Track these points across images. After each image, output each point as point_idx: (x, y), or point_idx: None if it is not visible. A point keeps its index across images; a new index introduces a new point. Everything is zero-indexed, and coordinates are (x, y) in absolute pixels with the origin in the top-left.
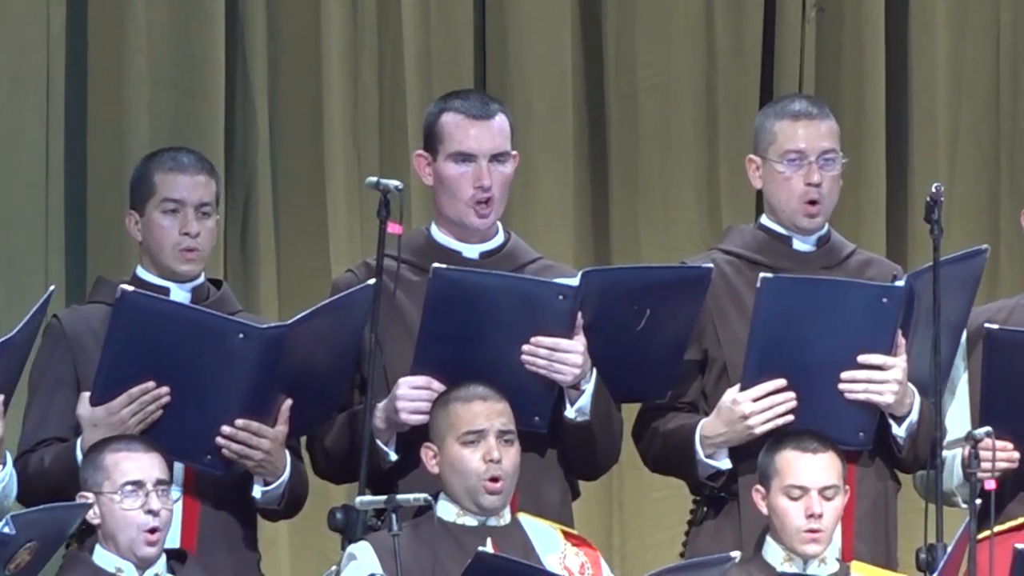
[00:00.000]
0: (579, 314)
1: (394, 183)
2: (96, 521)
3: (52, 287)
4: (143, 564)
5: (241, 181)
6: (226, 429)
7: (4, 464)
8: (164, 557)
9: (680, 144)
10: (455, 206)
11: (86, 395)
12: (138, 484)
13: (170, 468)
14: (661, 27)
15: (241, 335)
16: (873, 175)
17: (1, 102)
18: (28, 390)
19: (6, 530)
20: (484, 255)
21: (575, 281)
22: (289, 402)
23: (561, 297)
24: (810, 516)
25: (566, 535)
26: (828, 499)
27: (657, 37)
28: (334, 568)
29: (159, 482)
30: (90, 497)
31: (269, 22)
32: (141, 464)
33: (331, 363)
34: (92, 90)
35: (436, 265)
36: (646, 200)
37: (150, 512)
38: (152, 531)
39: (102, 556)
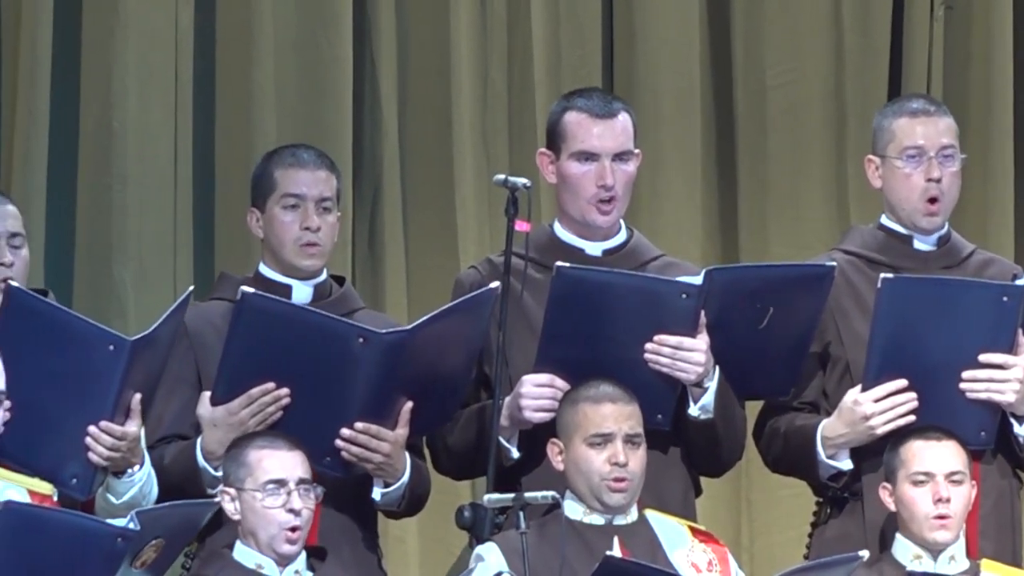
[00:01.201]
0: (702, 312)
1: (522, 181)
2: (236, 517)
3: (191, 288)
4: (283, 561)
5: (369, 180)
6: (346, 432)
7: (142, 464)
8: (304, 554)
9: (808, 142)
10: (578, 204)
11: (206, 395)
12: (280, 483)
13: None
14: (789, 25)
15: (361, 339)
16: (1000, 174)
17: (130, 100)
18: None
19: (131, 526)
20: (607, 252)
21: (698, 279)
22: (410, 405)
23: (684, 295)
24: (938, 501)
25: (693, 531)
26: (956, 483)
27: (785, 35)
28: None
29: (301, 481)
30: (231, 492)
31: (398, 20)
32: (284, 463)
33: (454, 364)
34: (220, 88)
35: (560, 263)
36: (774, 198)
37: (291, 511)
38: (293, 529)
39: (242, 552)
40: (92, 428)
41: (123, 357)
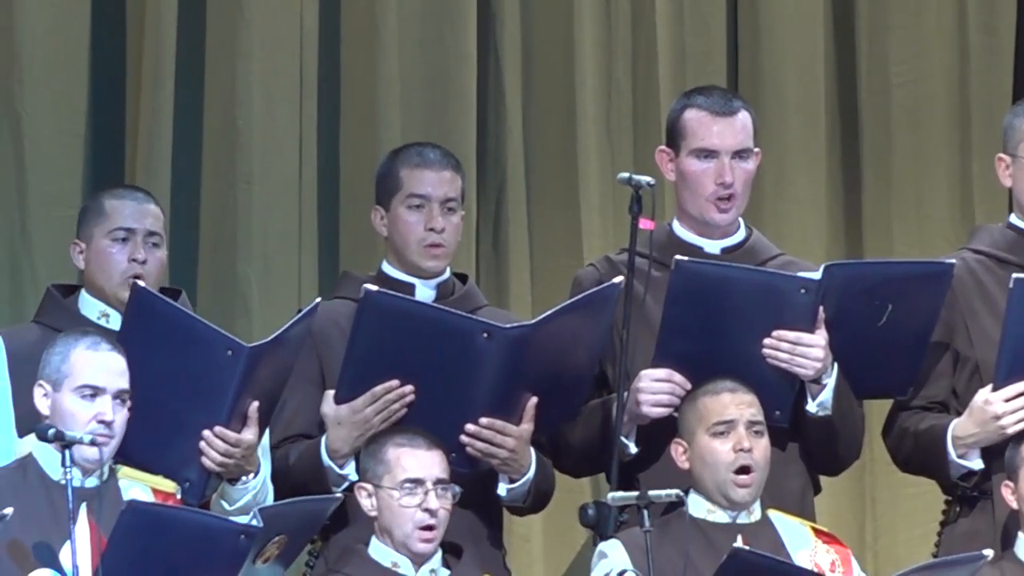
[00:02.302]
0: (820, 308)
1: (646, 179)
2: (373, 513)
3: (318, 299)
4: (418, 559)
5: (493, 178)
6: (471, 427)
7: (258, 472)
8: (440, 552)
9: (933, 141)
10: (696, 202)
11: (330, 394)
12: (418, 482)
13: None
14: (914, 24)
15: (485, 335)
16: None
17: (255, 99)
18: None
19: (254, 523)
20: (725, 251)
21: (817, 275)
22: (534, 400)
23: (803, 291)
24: None
25: (816, 532)
26: None
27: (910, 34)
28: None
29: (439, 481)
30: (369, 488)
31: (522, 18)
32: (423, 461)
33: (578, 360)
34: (344, 87)
35: (678, 257)
36: (899, 197)
37: (427, 511)
38: (428, 528)
39: (378, 549)
40: (206, 433)
41: (241, 363)
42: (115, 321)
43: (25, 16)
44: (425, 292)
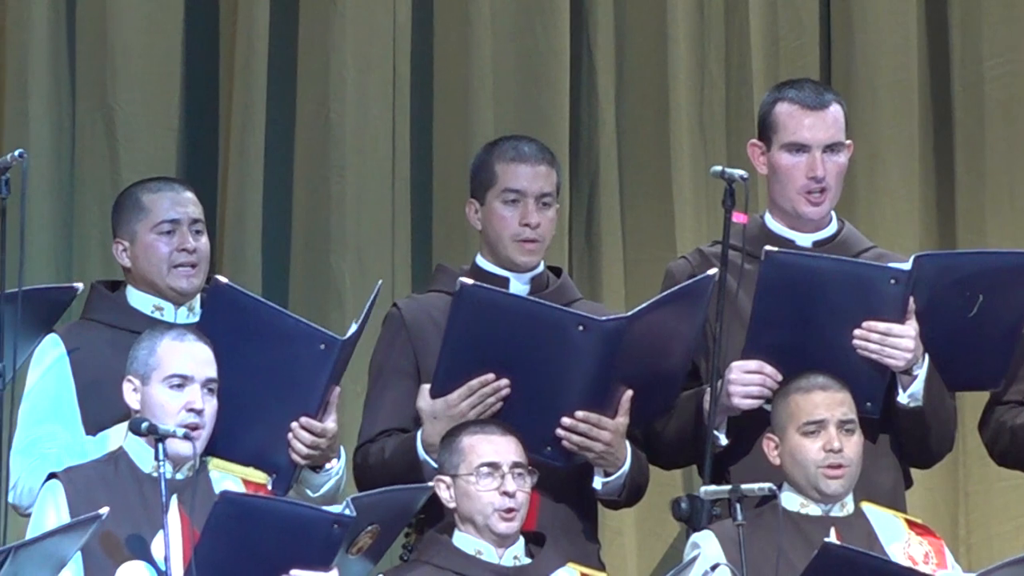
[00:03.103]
0: (911, 299)
1: (739, 172)
2: (452, 504)
3: (380, 282)
4: (502, 544)
5: (586, 171)
6: (566, 420)
7: (339, 458)
8: (522, 540)
9: None
10: (788, 195)
11: (426, 387)
12: (494, 466)
13: None
14: (1007, 15)
15: (580, 327)
16: None
17: (348, 92)
18: (368, 380)
19: (347, 512)
20: (817, 244)
21: (907, 265)
22: (630, 393)
23: (893, 281)
24: None
25: (910, 524)
26: None
27: (1003, 26)
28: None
29: (515, 465)
30: (447, 480)
31: (615, 11)
32: (497, 447)
33: (673, 353)
34: (438, 79)
35: (768, 248)
36: (992, 190)
37: (505, 493)
38: (508, 511)
39: (461, 539)
40: (294, 424)
41: (333, 356)
42: (169, 313)
43: (119, 11)
44: (519, 286)
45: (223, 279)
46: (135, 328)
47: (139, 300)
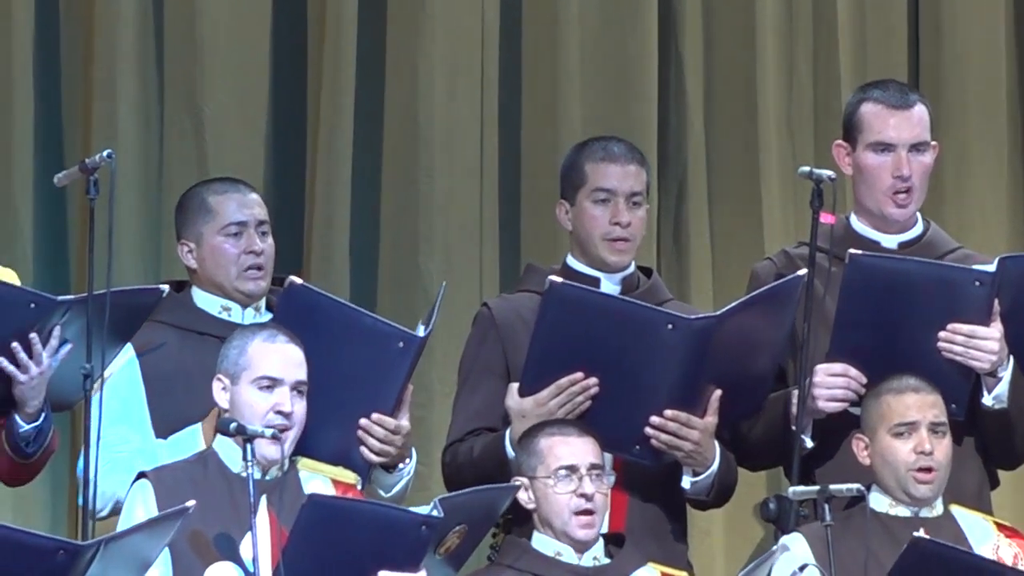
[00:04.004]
0: (996, 300)
1: (827, 173)
2: (531, 506)
3: (444, 283)
4: (580, 547)
5: (674, 172)
6: (655, 419)
7: (411, 457)
8: (602, 541)
9: None
10: (873, 196)
11: (514, 386)
12: (572, 468)
13: None
14: None
15: (670, 326)
16: None
17: (436, 94)
18: (458, 379)
19: (435, 513)
20: (903, 245)
21: (992, 267)
22: (718, 392)
23: (978, 283)
24: None
25: (999, 526)
26: None
27: None
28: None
29: (593, 466)
30: (524, 481)
31: (704, 13)
32: (575, 449)
33: (761, 353)
34: (526, 80)
35: (852, 251)
36: None
37: (583, 496)
38: (585, 514)
39: (540, 541)
40: (364, 421)
41: (411, 354)
42: (236, 314)
43: (207, 11)
44: (610, 286)
45: (297, 280)
46: (203, 329)
47: (206, 301)
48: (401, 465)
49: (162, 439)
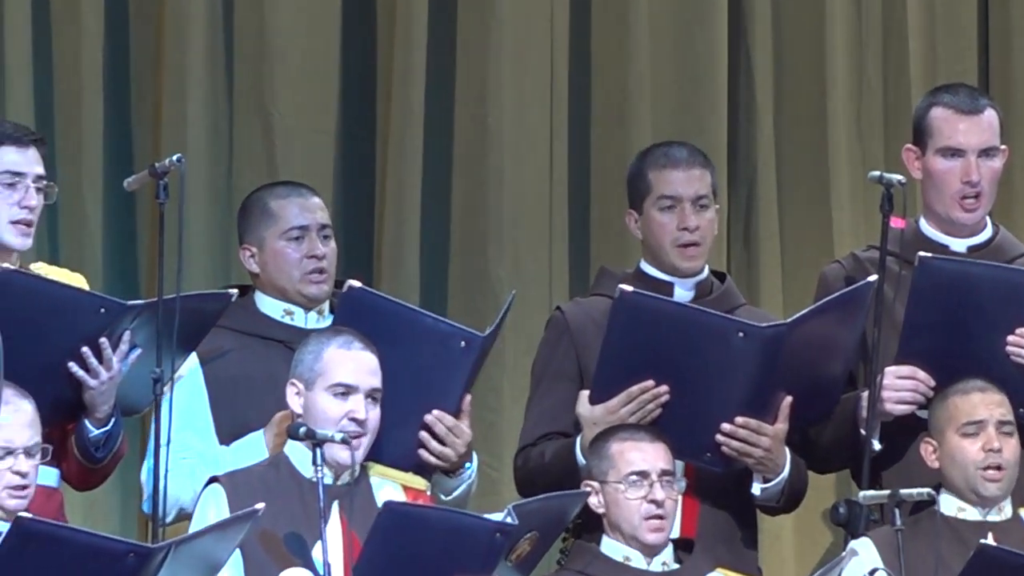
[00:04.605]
0: None
1: (897, 177)
2: (601, 510)
3: (513, 292)
4: (649, 552)
5: (744, 176)
6: (726, 426)
7: (471, 462)
8: (671, 546)
9: None
10: (942, 201)
11: (585, 394)
12: (643, 475)
13: None
14: None
15: (741, 334)
16: None
17: (506, 97)
18: (531, 383)
19: (509, 520)
20: (972, 249)
21: None
22: (789, 399)
23: None
24: None
25: None
26: None
27: None
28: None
29: (664, 473)
30: (595, 485)
31: (773, 17)
32: (647, 455)
33: (832, 359)
34: (595, 83)
35: (921, 254)
36: None
37: (653, 502)
38: (656, 518)
39: (609, 546)
40: (428, 417)
41: (474, 353)
42: (299, 318)
43: (276, 15)
44: (683, 291)
45: (356, 283)
46: (266, 334)
47: (269, 305)
48: (462, 469)
49: (225, 445)
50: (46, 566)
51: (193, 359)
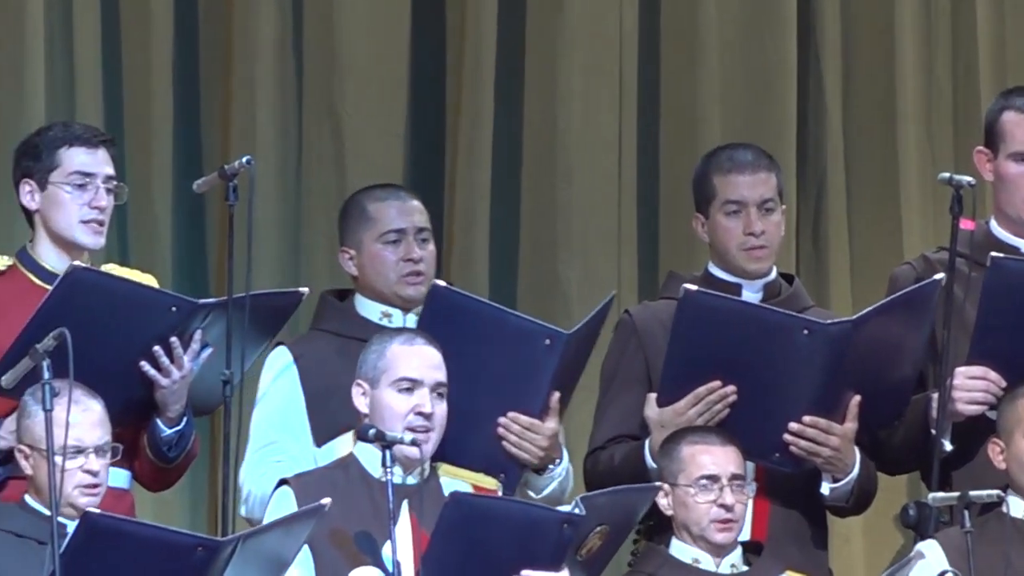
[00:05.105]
0: None
1: (966, 179)
2: (670, 512)
3: (613, 292)
4: (718, 553)
5: (813, 177)
6: (794, 426)
7: (561, 460)
8: (740, 549)
9: None
10: (1013, 204)
11: (652, 396)
12: (713, 479)
13: None
14: None
15: (806, 331)
16: None
17: (575, 100)
18: (600, 386)
19: (576, 511)
20: None
21: None
22: (858, 398)
23: None
24: None
25: None
26: None
27: None
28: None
29: (734, 477)
30: (665, 487)
31: (842, 18)
32: (717, 458)
33: (900, 359)
34: (664, 84)
35: (994, 255)
36: None
37: (723, 506)
38: (724, 522)
39: (678, 548)
40: (503, 420)
41: (558, 351)
42: (397, 320)
43: (346, 17)
44: (751, 293)
45: (441, 283)
46: (364, 337)
47: (367, 308)
48: (551, 466)
49: (318, 447)
50: (115, 561)
51: (289, 361)
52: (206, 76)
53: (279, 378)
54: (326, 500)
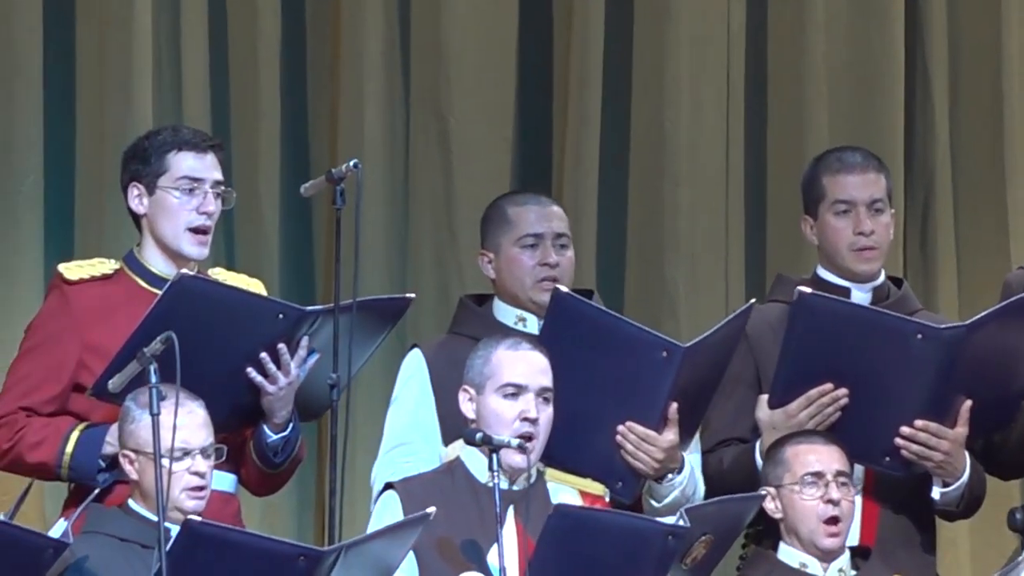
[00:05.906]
0: None
1: None
2: (778, 515)
3: (752, 300)
4: (826, 558)
5: (920, 180)
6: (905, 430)
7: (682, 469)
8: (848, 553)
9: None
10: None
11: (764, 398)
12: (818, 475)
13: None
14: None
15: (919, 335)
16: None
17: (682, 100)
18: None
19: (681, 523)
20: None
21: None
22: (968, 403)
23: None
24: None
25: None
26: None
27: None
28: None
29: (839, 473)
30: (771, 491)
31: (949, 20)
32: (821, 456)
33: (1013, 364)
34: (772, 86)
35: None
36: None
37: (830, 502)
38: (832, 521)
39: (786, 552)
40: (621, 428)
41: (675, 363)
42: (532, 324)
43: (453, 22)
44: (860, 296)
45: (563, 288)
46: None
47: (504, 312)
48: (672, 476)
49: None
50: (216, 569)
51: (423, 365)
52: (313, 81)
53: (412, 380)
54: (431, 509)
